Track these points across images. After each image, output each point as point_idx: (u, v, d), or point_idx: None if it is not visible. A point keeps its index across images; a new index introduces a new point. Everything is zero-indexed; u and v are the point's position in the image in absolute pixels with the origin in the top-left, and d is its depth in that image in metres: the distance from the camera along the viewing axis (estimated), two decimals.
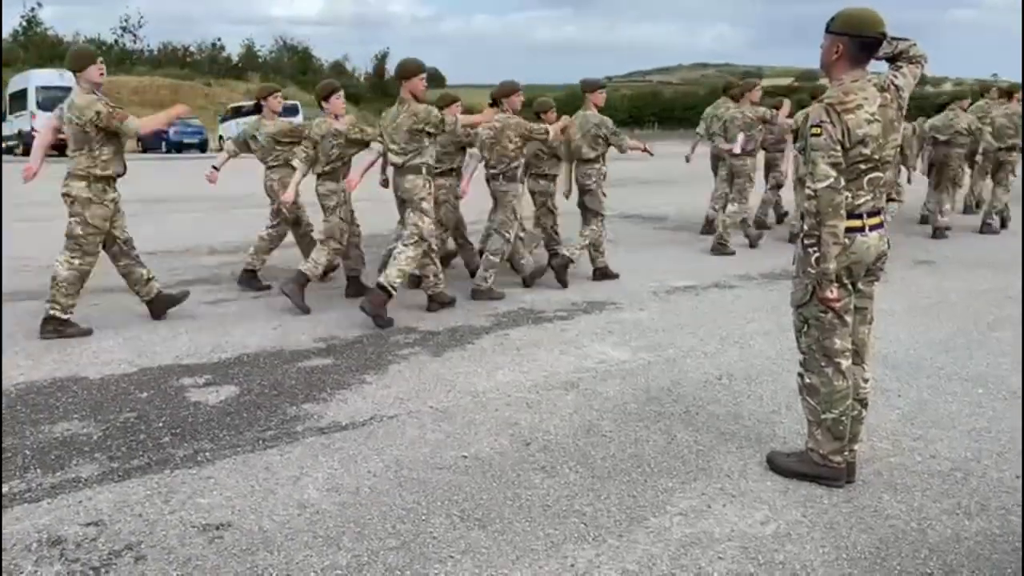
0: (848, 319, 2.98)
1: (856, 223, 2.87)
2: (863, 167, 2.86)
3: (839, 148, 2.80)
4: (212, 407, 3.85)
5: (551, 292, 6.43)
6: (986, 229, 10.15)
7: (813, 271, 2.90)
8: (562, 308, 5.92)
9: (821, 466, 3.06)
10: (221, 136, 33.64)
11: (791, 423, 3.67)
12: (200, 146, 31.23)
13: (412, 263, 5.47)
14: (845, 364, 3.00)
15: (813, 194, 2.82)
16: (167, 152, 29.28)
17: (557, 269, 6.74)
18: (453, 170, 6.64)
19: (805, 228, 2.92)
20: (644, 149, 7.01)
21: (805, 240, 2.94)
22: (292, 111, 30.17)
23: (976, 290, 6.66)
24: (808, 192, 2.84)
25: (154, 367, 4.45)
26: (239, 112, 34.15)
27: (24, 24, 44.23)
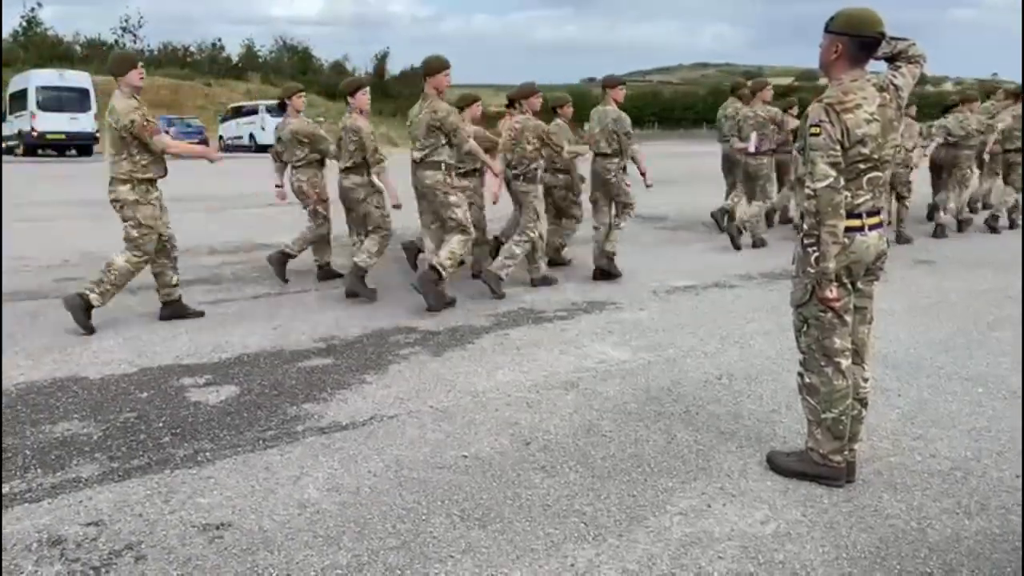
0: (848, 318, 2.99)
1: (855, 223, 2.88)
2: (862, 167, 2.86)
3: (838, 148, 2.80)
4: (212, 407, 3.85)
5: (551, 292, 6.43)
6: (992, 222, 10.18)
7: (813, 271, 2.90)
8: (562, 308, 5.92)
9: (821, 465, 3.06)
10: (221, 136, 33.62)
11: (791, 423, 3.67)
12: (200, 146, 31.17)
13: (462, 247, 5.76)
14: (845, 364, 3.00)
15: (812, 194, 2.82)
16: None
17: (604, 268, 6.92)
18: (476, 170, 6.71)
19: (805, 228, 2.93)
20: (643, 173, 7.06)
21: (805, 240, 2.94)
22: None
23: (976, 290, 6.66)
24: (807, 192, 2.85)
25: (154, 367, 4.45)
26: (239, 112, 34.12)
27: (24, 24, 44.20)
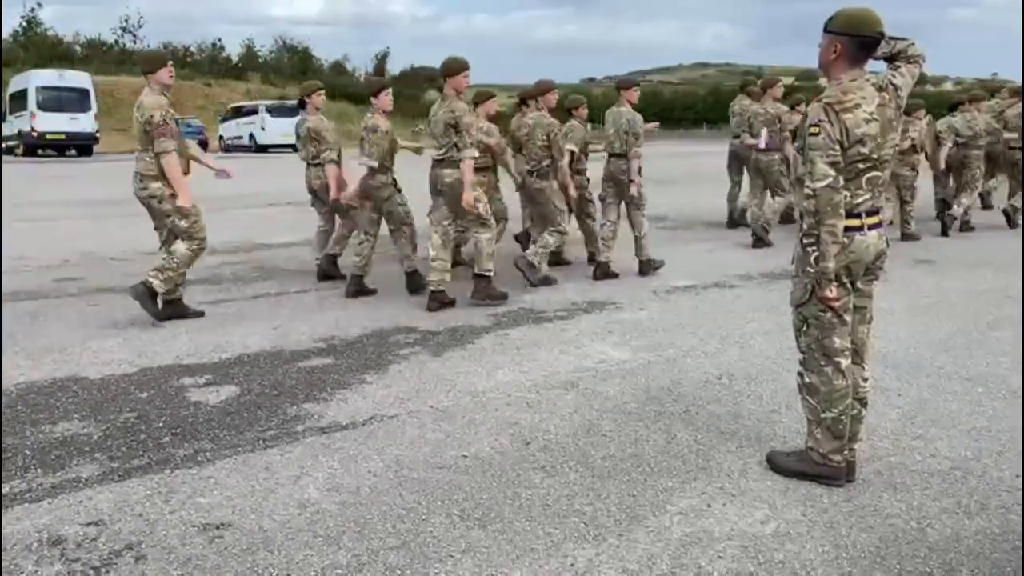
0: (847, 318, 2.99)
1: (855, 222, 2.88)
2: (861, 166, 2.86)
3: (837, 147, 2.80)
4: (212, 407, 3.85)
5: (551, 292, 6.43)
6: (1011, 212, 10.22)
7: (812, 270, 2.90)
8: (562, 308, 5.92)
9: (821, 465, 3.06)
10: (221, 136, 33.61)
11: (791, 422, 3.67)
12: (200, 146, 31.20)
13: (492, 243, 5.87)
14: (844, 363, 3.00)
15: (812, 193, 2.83)
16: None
17: (643, 268, 7.07)
18: (491, 166, 6.79)
19: (804, 227, 2.93)
20: (631, 180, 6.80)
21: (804, 239, 2.94)
22: (293, 111, 30.19)
23: (976, 290, 6.66)
24: (807, 191, 2.85)
25: (154, 367, 4.45)
26: (239, 112, 34.11)
27: (24, 24, 44.20)
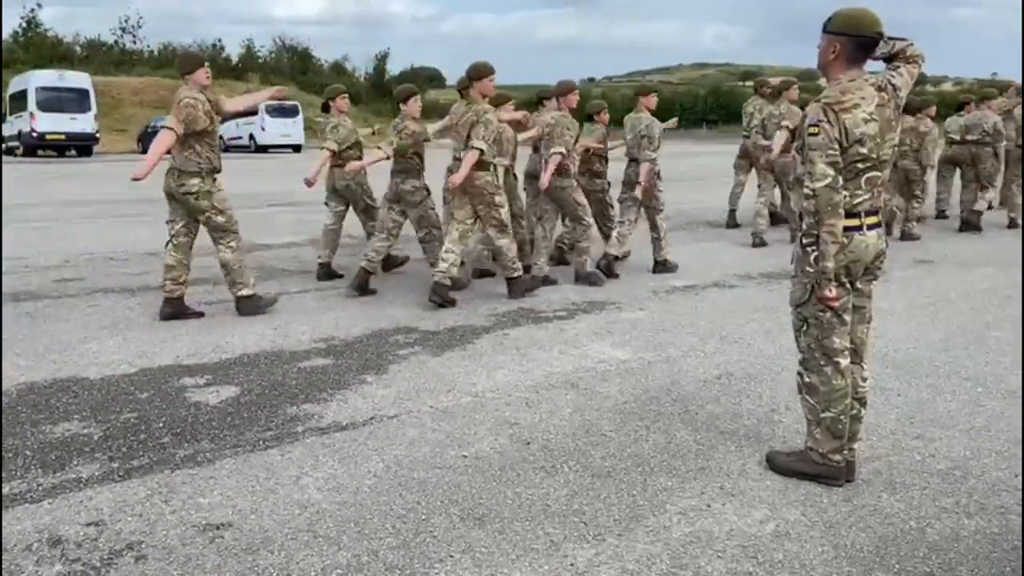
0: (847, 318, 2.99)
1: (854, 222, 2.88)
2: (861, 166, 2.86)
3: (837, 147, 2.81)
4: (212, 407, 3.86)
5: (551, 292, 6.43)
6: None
7: (812, 270, 2.90)
8: (562, 308, 5.92)
9: (820, 465, 3.06)
10: (221, 136, 33.60)
11: (790, 422, 3.68)
12: None
13: (512, 247, 6.08)
14: (844, 363, 3.00)
15: (812, 193, 2.83)
16: (167, 153, 29.27)
17: (661, 269, 7.24)
18: (507, 170, 6.78)
19: (804, 227, 2.93)
20: (638, 183, 6.87)
21: (804, 239, 2.94)
22: (292, 111, 30.20)
23: (976, 289, 6.66)
24: (806, 191, 2.85)
25: (154, 367, 4.46)
26: (239, 112, 34.11)
27: (24, 25, 44.18)
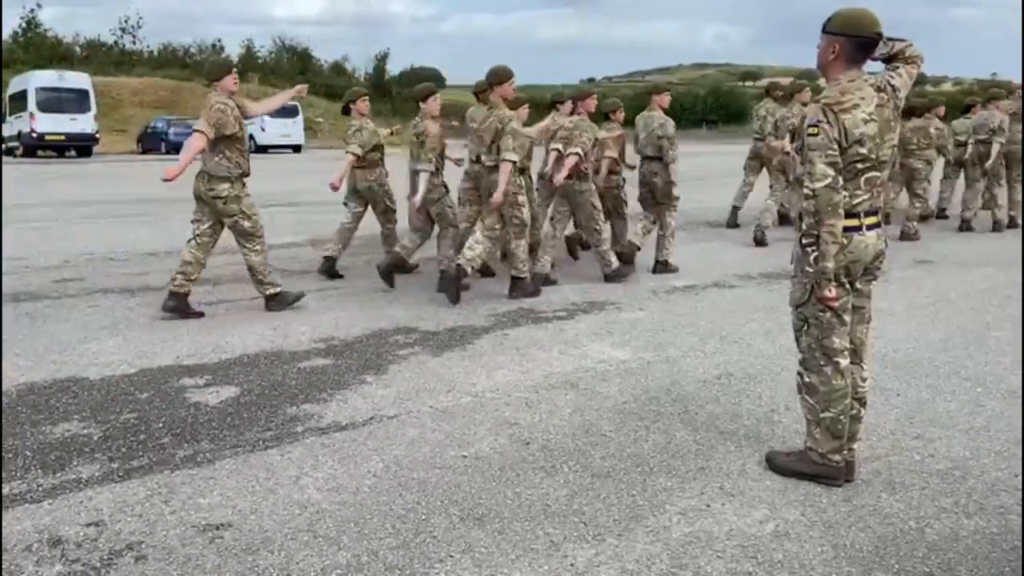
0: (847, 318, 2.99)
1: (853, 222, 2.89)
2: (860, 167, 2.87)
3: (836, 147, 2.81)
4: (212, 407, 3.86)
5: (551, 292, 6.43)
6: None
7: (812, 270, 2.91)
8: (562, 308, 5.93)
9: (820, 465, 3.06)
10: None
11: (790, 422, 3.68)
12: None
13: (525, 250, 6.19)
14: (844, 363, 3.00)
15: (811, 194, 2.83)
16: (167, 153, 29.26)
17: (664, 264, 7.28)
18: (524, 170, 6.81)
19: (803, 228, 2.93)
20: (669, 180, 7.04)
21: (803, 240, 2.94)
22: (292, 111, 30.19)
23: (976, 290, 6.66)
24: (806, 192, 2.86)
25: (154, 368, 4.46)
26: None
27: (24, 25, 44.17)
